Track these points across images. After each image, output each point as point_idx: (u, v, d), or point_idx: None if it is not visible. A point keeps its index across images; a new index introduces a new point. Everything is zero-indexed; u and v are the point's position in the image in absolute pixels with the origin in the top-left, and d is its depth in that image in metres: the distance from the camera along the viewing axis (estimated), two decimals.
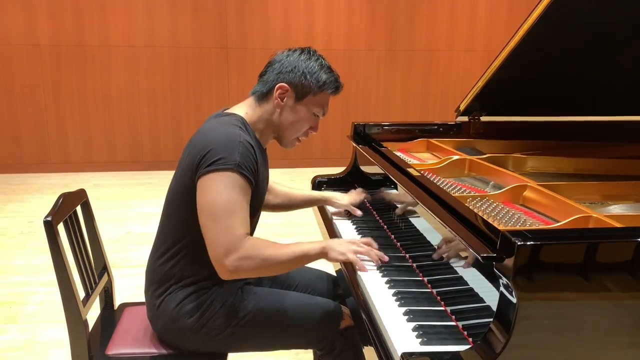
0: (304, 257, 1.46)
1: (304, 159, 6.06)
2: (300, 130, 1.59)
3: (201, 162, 1.40)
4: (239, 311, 1.50)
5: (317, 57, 1.56)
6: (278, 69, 1.53)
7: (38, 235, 3.85)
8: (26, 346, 2.48)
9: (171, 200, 1.53)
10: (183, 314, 1.48)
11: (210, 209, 1.37)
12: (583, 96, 2.32)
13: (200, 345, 1.52)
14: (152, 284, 1.55)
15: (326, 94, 1.56)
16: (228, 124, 1.48)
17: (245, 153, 1.41)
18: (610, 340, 1.06)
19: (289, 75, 1.52)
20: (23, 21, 5.28)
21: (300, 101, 1.54)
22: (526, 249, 0.99)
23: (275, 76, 1.53)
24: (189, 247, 1.49)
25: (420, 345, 1.14)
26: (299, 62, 1.53)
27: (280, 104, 1.53)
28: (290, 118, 1.55)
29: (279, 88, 1.52)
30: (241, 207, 1.39)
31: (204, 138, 1.45)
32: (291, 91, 1.52)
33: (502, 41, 2.00)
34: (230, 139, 1.41)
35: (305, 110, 1.55)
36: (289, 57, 1.55)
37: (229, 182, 1.37)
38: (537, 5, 1.74)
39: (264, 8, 5.67)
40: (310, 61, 1.53)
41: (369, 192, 2.08)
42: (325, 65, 1.55)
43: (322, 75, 1.53)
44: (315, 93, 1.53)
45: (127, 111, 5.66)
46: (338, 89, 1.57)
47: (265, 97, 1.55)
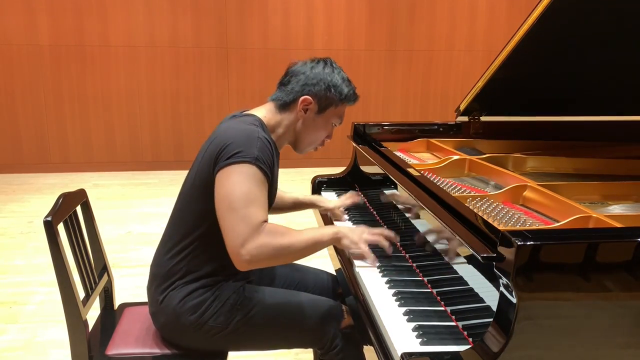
0: (318, 244, 1.48)
1: (304, 159, 6.05)
2: (318, 140, 1.66)
3: (220, 155, 1.43)
4: (240, 309, 1.51)
5: (339, 70, 1.62)
6: (303, 81, 1.57)
7: (38, 235, 3.85)
8: (26, 346, 2.48)
9: (186, 194, 1.55)
10: (185, 311, 1.48)
11: (229, 199, 1.38)
12: (583, 96, 2.32)
13: (202, 343, 1.52)
14: (156, 279, 1.55)
15: (344, 106, 1.64)
16: (247, 123, 1.51)
17: (264, 148, 1.44)
18: (610, 340, 1.06)
19: (314, 87, 1.56)
20: (23, 21, 5.29)
21: (321, 113, 1.60)
22: (526, 249, 0.99)
23: (301, 87, 1.57)
24: (199, 241, 1.51)
25: (420, 345, 1.14)
26: (324, 75, 1.57)
27: (303, 115, 1.59)
28: (310, 128, 1.61)
29: (303, 100, 1.56)
30: (259, 197, 1.41)
31: (223, 134, 1.48)
32: (314, 104, 1.58)
33: (502, 41, 2.00)
34: (249, 134, 1.45)
35: (325, 121, 1.62)
36: (313, 69, 1.59)
37: (247, 174, 1.39)
38: (537, 5, 1.74)
39: (264, 8, 5.67)
40: (333, 74, 1.59)
41: (368, 192, 2.08)
42: (346, 77, 1.62)
43: (344, 88, 1.59)
44: (337, 105, 1.60)
45: (127, 111, 5.66)
46: (356, 100, 1.65)
47: (287, 107, 1.59)
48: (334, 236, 1.50)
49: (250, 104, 5.92)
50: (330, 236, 1.49)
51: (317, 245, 1.47)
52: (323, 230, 1.51)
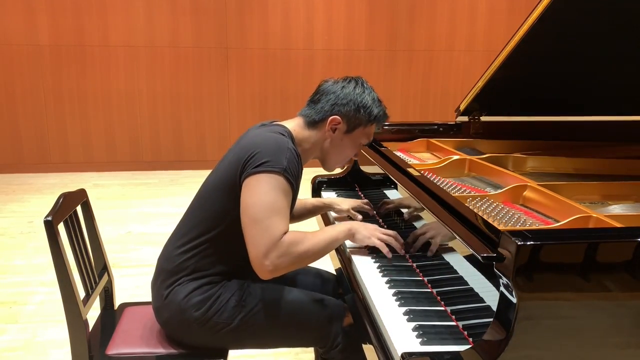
0: (334, 242, 1.52)
1: None
2: (346, 158, 1.68)
3: (249, 162, 1.44)
4: (245, 306, 1.51)
5: (370, 91, 1.63)
6: (333, 100, 1.58)
7: (38, 235, 3.85)
8: (26, 346, 2.48)
9: (207, 194, 1.56)
10: (190, 306, 1.49)
11: (254, 209, 1.39)
12: (583, 96, 2.32)
13: (205, 339, 1.53)
14: (162, 274, 1.56)
15: (373, 126, 1.65)
16: (278, 132, 1.52)
17: (292, 160, 1.46)
18: (610, 340, 1.06)
19: (344, 108, 1.58)
20: (23, 21, 5.29)
21: (350, 133, 1.61)
22: (526, 249, 0.99)
23: (331, 107, 1.58)
24: (213, 241, 1.52)
25: (420, 345, 1.14)
26: (355, 95, 1.59)
27: (331, 134, 1.60)
28: (338, 147, 1.63)
29: (332, 120, 1.58)
30: (283, 210, 1.42)
31: (253, 140, 1.49)
32: (343, 124, 1.59)
33: (502, 41, 2.00)
34: (279, 144, 1.46)
35: (353, 141, 1.64)
36: (344, 89, 1.60)
37: (275, 184, 1.41)
38: (537, 5, 1.74)
39: (264, 8, 5.67)
40: (364, 94, 1.60)
41: (368, 192, 2.08)
42: (376, 98, 1.63)
43: (374, 109, 1.60)
44: (365, 125, 1.62)
45: (127, 111, 5.67)
46: (385, 120, 1.67)
47: (316, 125, 1.61)
48: (348, 232, 1.55)
49: (250, 104, 5.96)
50: (345, 233, 1.54)
51: (333, 244, 1.52)
52: (337, 228, 1.54)
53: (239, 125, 5.82)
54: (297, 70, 5.85)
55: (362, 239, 1.55)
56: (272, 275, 1.42)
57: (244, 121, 5.80)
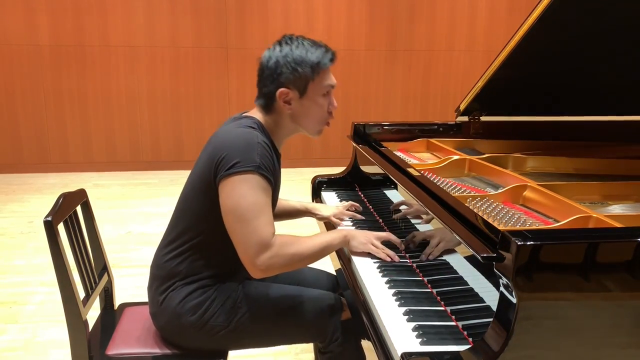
0: (328, 247, 1.51)
1: (304, 159, 6.06)
2: (321, 116, 1.55)
3: (220, 164, 1.40)
4: (241, 307, 1.51)
5: (298, 43, 1.48)
6: (270, 76, 1.49)
7: (38, 235, 3.85)
8: (26, 346, 2.48)
9: (187, 197, 1.54)
10: (186, 311, 1.48)
11: (236, 212, 1.37)
12: (583, 96, 2.32)
13: (203, 342, 1.52)
14: (156, 280, 1.55)
15: (324, 71, 1.50)
16: (247, 126, 1.48)
17: (264, 154, 1.41)
18: (610, 341, 1.06)
19: (283, 77, 1.47)
20: (23, 21, 5.29)
21: (305, 94, 1.49)
22: (526, 249, 0.99)
23: (271, 85, 1.49)
24: (199, 244, 1.50)
25: (420, 345, 1.14)
26: (284, 58, 1.46)
27: (290, 107, 1.50)
28: (305, 113, 1.52)
29: (280, 95, 1.49)
30: (266, 208, 1.40)
31: (222, 139, 1.45)
32: (293, 91, 1.48)
33: (502, 41, 2.00)
34: (249, 140, 1.41)
35: (314, 98, 1.50)
36: (271, 58, 1.48)
37: (252, 184, 1.37)
38: (537, 5, 1.74)
39: (264, 8, 5.67)
40: (293, 51, 1.46)
41: (368, 192, 2.08)
42: (309, 45, 1.48)
43: (310, 57, 1.46)
44: (314, 78, 1.48)
45: (127, 111, 5.67)
46: (333, 59, 1.50)
47: (271, 107, 1.52)
48: (344, 239, 1.55)
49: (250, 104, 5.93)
50: (340, 239, 1.54)
51: (327, 249, 1.51)
52: (332, 234, 1.54)
53: None
54: None
55: (358, 246, 1.55)
56: (264, 275, 1.41)
57: None
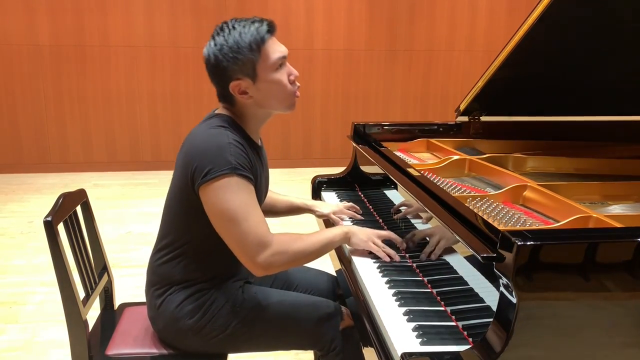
0: (329, 244, 1.50)
1: (304, 159, 6.06)
2: (285, 92, 1.45)
3: (195, 174, 1.36)
4: (239, 311, 1.50)
5: (229, 29, 1.39)
6: (216, 73, 1.42)
7: (38, 235, 3.85)
8: (26, 346, 2.48)
9: (171, 206, 1.52)
10: (184, 315, 1.48)
11: (225, 217, 1.36)
12: (583, 96, 2.32)
13: (201, 346, 1.51)
14: (152, 284, 1.54)
15: (266, 46, 1.39)
16: (215, 126, 1.42)
17: (237, 152, 1.37)
18: (610, 340, 1.06)
19: (227, 70, 1.39)
20: (23, 21, 5.28)
21: (257, 77, 1.40)
22: (526, 249, 0.99)
23: (220, 82, 1.43)
24: (191, 250, 1.49)
25: (420, 345, 1.14)
26: (220, 51, 1.37)
27: (248, 96, 1.43)
28: (266, 96, 1.43)
29: (233, 89, 1.42)
30: (254, 206, 1.39)
31: (192, 146, 1.41)
32: (244, 80, 1.40)
33: (502, 41, 2.00)
34: (218, 144, 1.36)
35: (269, 78, 1.41)
36: (209, 55, 1.40)
37: (232, 187, 1.34)
38: (537, 5, 1.74)
39: (264, 8, 5.67)
40: (227, 40, 1.37)
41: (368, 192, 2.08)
42: (240, 25, 1.39)
43: (245, 39, 1.37)
44: (258, 58, 1.38)
45: (127, 111, 5.66)
46: (270, 29, 1.40)
47: (232, 102, 1.46)
48: (345, 236, 1.54)
49: None
50: (341, 236, 1.53)
51: (328, 246, 1.51)
52: (334, 231, 1.53)
53: None
54: (297, 70, 5.84)
55: (358, 243, 1.54)
56: (266, 273, 1.41)
57: None
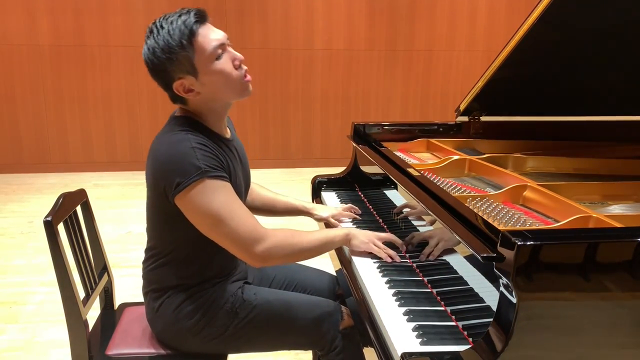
0: (329, 243, 1.51)
1: (304, 159, 6.06)
2: (232, 80, 1.39)
3: (167, 186, 1.34)
4: (238, 312, 1.50)
5: (157, 29, 1.33)
6: (157, 76, 1.39)
7: (38, 235, 3.85)
8: (26, 346, 2.48)
9: (149, 213, 1.49)
10: (183, 316, 1.48)
11: (210, 222, 1.35)
12: (583, 96, 2.32)
13: (201, 347, 1.51)
14: (149, 288, 1.54)
15: (198, 38, 1.33)
16: (175, 132, 1.38)
17: (203, 154, 1.33)
18: (610, 340, 1.06)
19: (166, 72, 1.36)
20: (23, 21, 5.28)
21: (197, 71, 1.35)
22: (526, 249, 0.99)
23: (163, 83, 1.40)
24: (177, 254, 1.48)
25: (420, 345, 1.14)
26: (153, 54, 1.33)
27: (196, 93, 1.39)
28: (214, 88, 1.39)
29: (177, 88, 1.38)
30: (236, 202, 1.37)
31: (158, 159, 1.37)
32: (185, 79, 1.36)
33: (502, 41, 2.00)
34: (181, 151, 1.32)
35: (210, 70, 1.35)
36: (146, 60, 1.36)
37: (207, 191, 1.32)
38: (537, 5, 1.74)
39: (264, 8, 5.67)
40: (157, 41, 1.32)
41: (368, 192, 2.07)
42: (167, 23, 1.33)
43: (174, 36, 1.31)
44: (193, 53, 1.32)
45: (127, 111, 5.66)
46: (199, 19, 1.33)
47: (183, 101, 1.43)
48: (346, 237, 1.54)
49: (250, 104, 5.95)
50: (342, 237, 1.54)
51: (328, 245, 1.51)
52: (335, 231, 1.54)
53: (239, 125, 5.82)
54: (297, 70, 5.85)
55: (359, 245, 1.54)
56: (265, 264, 1.41)
57: (243, 121, 5.80)
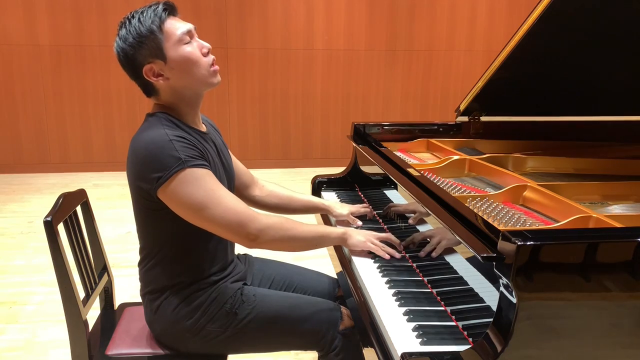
0: (325, 238, 1.51)
1: (304, 159, 6.06)
2: (199, 65, 1.42)
3: (147, 180, 1.34)
4: (238, 313, 1.49)
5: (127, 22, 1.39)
6: (128, 65, 1.41)
7: (38, 235, 3.85)
8: (26, 346, 2.48)
9: (134, 210, 1.49)
10: (182, 317, 1.47)
11: (196, 210, 1.35)
12: (583, 96, 2.32)
13: (200, 347, 1.51)
14: (146, 290, 1.54)
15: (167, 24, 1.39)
16: (152, 128, 1.39)
17: (181, 146, 1.34)
18: (610, 340, 1.06)
19: (136, 58, 1.39)
20: (23, 21, 5.29)
21: (166, 57, 1.39)
22: (526, 249, 0.99)
23: (134, 72, 1.42)
24: (167, 252, 1.48)
25: (420, 345, 1.14)
26: (125, 42, 1.38)
27: (165, 79, 1.41)
28: (183, 74, 1.41)
29: (147, 74, 1.40)
30: (221, 189, 1.37)
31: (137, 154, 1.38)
32: (154, 63, 1.39)
33: (502, 41, 2.00)
34: (160, 144, 1.34)
35: (179, 54, 1.39)
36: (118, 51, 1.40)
37: (190, 180, 1.33)
38: (537, 5, 1.74)
39: (264, 8, 5.67)
40: (129, 30, 1.38)
41: (368, 192, 2.07)
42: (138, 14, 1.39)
43: (145, 23, 1.37)
44: (162, 37, 1.38)
45: (127, 111, 5.67)
46: (167, 9, 1.41)
47: (152, 90, 1.45)
48: (342, 236, 1.55)
49: (250, 104, 5.95)
50: (338, 235, 1.55)
51: (323, 240, 1.52)
52: (332, 228, 1.55)
53: (239, 125, 5.82)
54: (297, 70, 5.85)
55: (356, 244, 1.55)
56: (256, 244, 1.40)
57: (244, 121, 5.80)
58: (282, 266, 1.80)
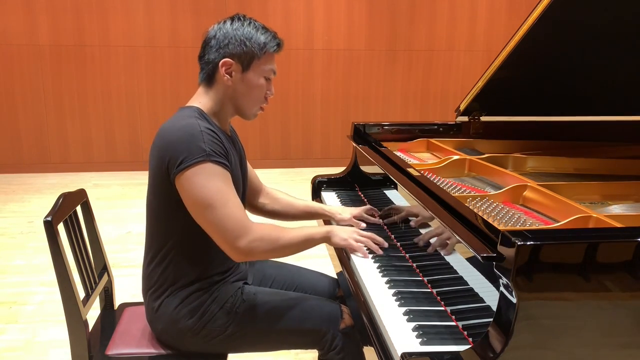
0: (310, 240, 1.52)
1: (304, 159, 6.06)
2: (259, 99, 1.55)
3: (169, 165, 1.37)
4: (239, 312, 1.50)
5: (250, 21, 1.52)
6: (216, 46, 1.49)
7: (38, 235, 3.85)
8: (26, 346, 2.48)
9: (151, 204, 1.51)
10: (182, 316, 1.48)
11: (202, 204, 1.36)
12: (583, 96, 2.32)
13: (201, 346, 1.51)
14: (148, 289, 1.54)
15: (270, 55, 1.51)
16: (184, 118, 1.44)
17: (210, 140, 1.39)
18: (610, 340, 1.06)
19: (229, 47, 1.48)
20: (23, 21, 5.29)
21: (247, 70, 1.49)
22: (526, 249, 0.99)
23: (215, 54, 1.49)
24: (176, 248, 1.48)
25: (420, 345, 1.14)
26: (234, 31, 1.49)
27: (230, 80, 1.49)
28: (244, 89, 1.51)
29: (223, 64, 1.48)
30: (231, 193, 1.39)
31: (164, 139, 1.42)
32: (236, 63, 1.48)
33: (502, 41, 2.00)
34: (190, 132, 1.38)
35: (256, 77, 1.51)
36: (221, 29, 1.51)
37: (207, 173, 1.36)
38: (537, 5, 1.74)
39: (264, 8, 5.67)
40: (244, 27, 1.49)
41: (368, 192, 2.07)
42: (260, 26, 1.52)
43: (260, 37, 1.49)
44: (259, 57, 1.49)
45: (127, 111, 5.66)
46: (280, 45, 1.53)
47: (213, 79, 1.52)
48: (326, 235, 1.56)
49: None
50: (322, 234, 1.55)
51: (309, 242, 1.52)
52: (315, 229, 1.56)
53: (239, 124, 5.81)
54: (297, 70, 5.85)
55: (338, 242, 1.56)
56: (247, 259, 1.43)
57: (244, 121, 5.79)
58: (283, 266, 1.80)
